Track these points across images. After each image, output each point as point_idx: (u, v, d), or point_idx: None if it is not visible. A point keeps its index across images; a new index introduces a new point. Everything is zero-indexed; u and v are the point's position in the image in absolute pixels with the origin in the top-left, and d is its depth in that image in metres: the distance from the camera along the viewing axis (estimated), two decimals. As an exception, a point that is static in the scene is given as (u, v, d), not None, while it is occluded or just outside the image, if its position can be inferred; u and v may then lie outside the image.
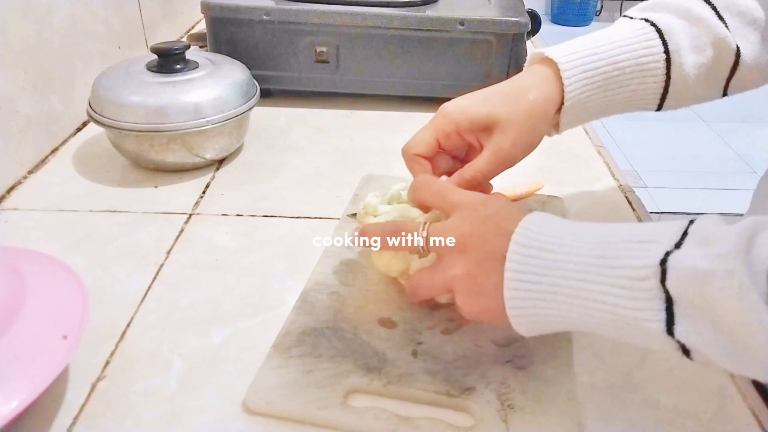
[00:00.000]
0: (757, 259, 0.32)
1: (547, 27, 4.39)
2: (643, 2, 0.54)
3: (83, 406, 0.44)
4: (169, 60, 0.73)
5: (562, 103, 0.51)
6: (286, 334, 0.49)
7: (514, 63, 0.89)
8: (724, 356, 0.34)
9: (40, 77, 0.75)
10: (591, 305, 0.37)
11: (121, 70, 0.73)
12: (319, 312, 0.51)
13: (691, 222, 0.36)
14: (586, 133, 0.87)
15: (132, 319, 0.52)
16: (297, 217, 0.66)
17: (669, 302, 0.34)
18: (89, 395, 0.45)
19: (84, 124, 0.85)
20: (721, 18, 0.51)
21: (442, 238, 0.43)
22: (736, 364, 0.34)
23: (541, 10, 4.61)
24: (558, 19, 4.63)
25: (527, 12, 0.90)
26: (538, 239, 0.39)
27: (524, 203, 0.65)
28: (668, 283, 0.33)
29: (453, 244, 0.43)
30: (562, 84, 0.50)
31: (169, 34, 1.14)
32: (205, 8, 0.87)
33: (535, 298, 0.39)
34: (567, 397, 0.44)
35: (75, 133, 0.83)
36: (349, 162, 0.78)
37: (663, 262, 0.34)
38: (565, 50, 0.51)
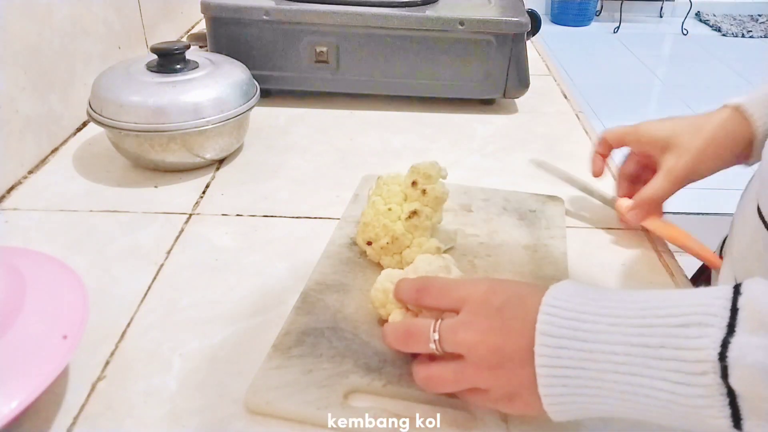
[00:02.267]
0: None
1: (547, 27, 4.39)
2: None
3: (83, 406, 0.44)
4: (169, 60, 0.73)
5: (751, 138, 0.53)
6: (286, 334, 0.49)
7: (514, 63, 0.89)
8: None
9: (40, 77, 0.75)
10: (642, 400, 0.33)
11: (121, 70, 0.73)
12: (319, 312, 0.51)
13: (738, 292, 0.32)
14: (587, 133, 0.87)
15: (132, 319, 0.52)
16: (297, 217, 0.66)
17: (732, 396, 0.30)
18: (89, 395, 0.45)
19: (84, 124, 0.85)
20: None
21: (457, 342, 0.39)
22: None
23: (541, 10, 4.61)
24: (558, 19, 4.63)
25: (527, 12, 0.90)
26: (567, 326, 0.35)
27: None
28: (731, 381, 0.30)
29: (467, 337, 0.38)
30: (747, 120, 0.53)
31: (169, 34, 1.14)
32: (205, 8, 0.87)
33: (575, 393, 0.35)
34: None
35: (75, 133, 0.83)
36: (349, 162, 0.78)
37: (722, 357, 0.30)
38: (750, 96, 0.54)
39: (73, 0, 0.81)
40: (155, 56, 0.73)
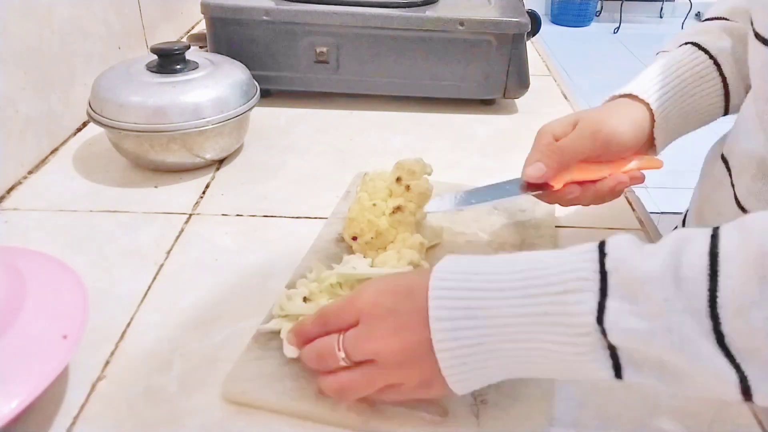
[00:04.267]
0: (692, 297, 0.32)
1: (547, 27, 4.39)
2: (669, 41, 0.62)
3: (83, 406, 0.44)
4: (169, 60, 0.73)
5: (652, 125, 0.56)
6: (265, 325, 0.49)
7: (514, 63, 0.89)
8: (671, 387, 0.35)
9: (40, 77, 0.75)
10: (536, 360, 0.37)
11: (121, 70, 0.73)
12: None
13: (603, 252, 0.35)
14: (586, 133, 0.87)
15: (132, 319, 0.52)
16: (297, 217, 0.66)
17: (613, 349, 0.34)
18: (89, 395, 0.45)
19: (84, 124, 0.85)
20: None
21: (363, 353, 0.40)
22: (681, 390, 0.35)
23: (541, 10, 4.61)
24: (558, 19, 4.63)
25: (527, 12, 0.90)
26: (458, 306, 0.37)
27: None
28: (610, 339, 0.34)
29: (371, 345, 0.40)
30: (648, 107, 0.56)
31: (169, 34, 1.14)
32: (205, 8, 0.87)
33: (475, 368, 0.38)
34: (541, 395, 0.44)
35: (75, 133, 0.83)
36: (349, 162, 0.78)
37: (599, 320, 0.33)
38: (639, 83, 0.57)
39: (73, 0, 0.81)
40: (155, 56, 0.73)
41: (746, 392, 0.32)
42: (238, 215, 0.67)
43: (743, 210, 0.54)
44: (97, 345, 0.49)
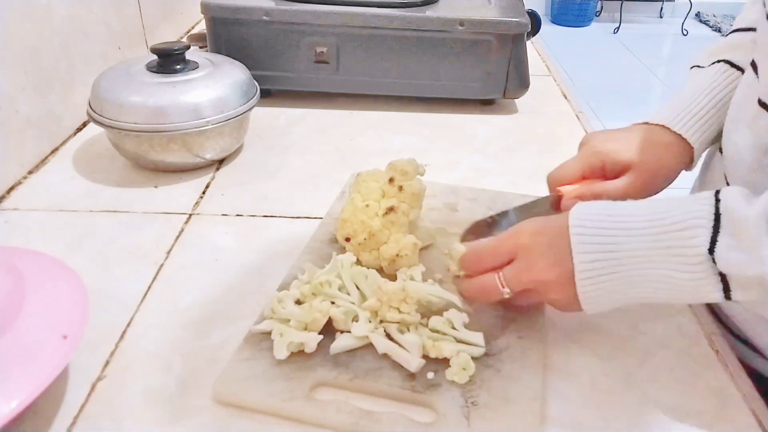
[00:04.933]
0: None
1: (547, 27, 4.39)
2: (705, 50, 0.64)
3: (83, 406, 0.44)
4: (169, 60, 0.73)
5: (691, 153, 0.59)
6: (257, 326, 0.49)
7: (514, 63, 0.89)
8: None
9: (40, 77, 0.75)
10: (658, 286, 0.43)
11: (121, 70, 0.73)
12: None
13: (717, 199, 0.42)
14: (587, 133, 0.87)
15: (132, 319, 0.52)
16: (297, 217, 0.66)
17: (723, 276, 0.41)
18: (89, 395, 0.45)
19: (84, 124, 0.85)
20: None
21: (523, 284, 0.47)
22: None
23: (541, 10, 4.61)
24: (558, 19, 4.63)
25: (527, 12, 0.90)
26: (596, 241, 0.44)
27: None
28: (719, 266, 0.40)
29: (533, 278, 0.47)
30: (688, 143, 0.58)
31: (169, 34, 1.14)
32: (205, 8, 0.87)
33: (604, 281, 0.44)
34: (532, 396, 0.44)
35: (75, 133, 0.83)
36: (349, 162, 0.78)
37: (711, 251, 0.40)
38: (674, 114, 0.59)
39: (73, 0, 0.81)
40: (155, 56, 0.73)
41: None
42: (238, 215, 0.67)
43: None
44: (97, 345, 0.49)
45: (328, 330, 0.48)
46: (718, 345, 0.51)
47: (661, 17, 4.84)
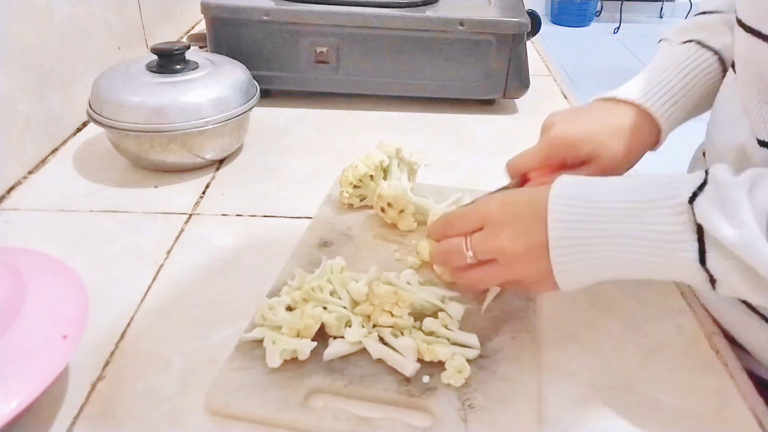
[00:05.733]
0: (759, 205, 0.38)
1: (547, 27, 4.39)
2: (674, 27, 0.63)
3: (83, 406, 0.44)
4: (169, 60, 0.73)
5: (658, 134, 0.58)
6: (248, 334, 0.48)
7: (514, 63, 0.89)
8: (746, 289, 0.39)
9: (40, 77, 0.75)
10: (635, 242, 0.41)
11: (121, 70, 0.73)
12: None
13: (707, 172, 0.41)
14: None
15: (132, 319, 0.52)
16: (297, 217, 0.66)
17: (700, 233, 0.39)
18: (89, 395, 0.45)
19: (84, 124, 0.85)
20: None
21: (488, 250, 0.47)
22: (759, 297, 0.39)
23: (541, 10, 4.61)
24: (558, 19, 4.63)
25: (527, 12, 0.90)
26: (576, 189, 0.44)
27: None
28: (697, 217, 0.39)
29: (497, 245, 0.46)
30: (656, 123, 0.57)
31: (169, 34, 1.14)
32: (205, 8, 0.87)
33: (581, 244, 0.43)
34: (528, 397, 0.44)
35: (75, 133, 0.83)
36: (349, 162, 0.78)
37: (691, 201, 0.40)
38: (645, 91, 0.58)
39: (73, 0, 0.81)
40: (155, 57, 0.73)
41: None
42: (238, 215, 0.67)
43: None
44: (97, 345, 0.49)
45: (321, 336, 0.48)
46: (718, 345, 0.51)
47: (661, 17, 4.85)
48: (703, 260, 0.39)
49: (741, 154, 0.52)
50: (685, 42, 0.60)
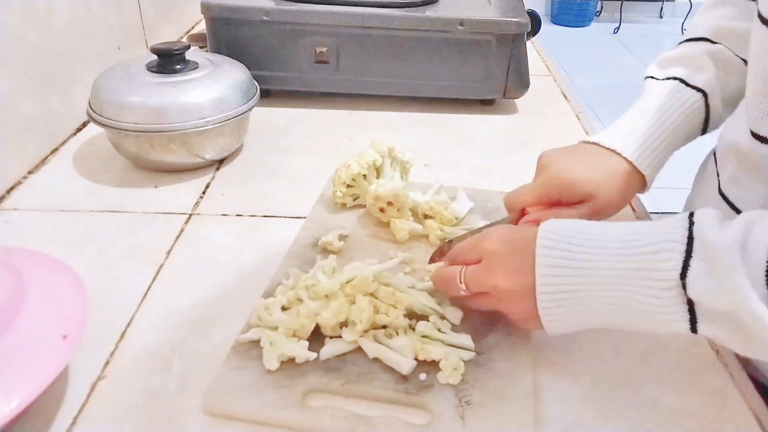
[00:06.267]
0: (752, 266, 0.37)
1: (547, 27, 4.39)
2: (658, 59, 0.65)
3: (83, 406, 0.44)
4: (169, 60, 0.73)
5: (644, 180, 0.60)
6: (244, 335, 0.48)
7: (514, 63, 0.89)
8: (740, 347, 0.40)
9: (40, 77, 0.75)
10: (623, 310, 0.42)
11: (121, 70, 0.73)
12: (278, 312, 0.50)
13: (692, 222, 0.40)
14: (587, 133, 0.87)
15: (132, 319, 0.52)
16: (297, 217, 0.66)
17: (691, 304, 0.39)
18: (89, 395, 0.45)
19: (84, 124, 0.85)
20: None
21: (480, 286, 0.47)
22: (752, 352, 0.40)
23: (541, 10, 4.61)
24: (558, 19, 4.63)
25: (527, 12, 0.90)
26: (561, 255, 0.43)
27: None
28: (689, 293, 0.39)
29: (490, 282, 0.46)
30: (642, 175, 0.59)
31: (169, 34, 1.14)
32: (205, 8, 0.87)
33: (567, 299, 0.43)
34: (524, 393, 0.44)
35: (75, 133, 0.83)
36: (349, 162, 0.78)
37: (683, 276, 0.39)
38: (630, 143, 0.58)
39: (74, 1, 0.81)
40: (155, 57, 0.73)
41: None
42: (238, 215, 0.67)
43: (724, 198, 0.56)
44: (97, 345, 0.49)
45: (317, 335, 0.48)
46: (718, 345, 0.51)
47: (661, 17, 4.84)
48: (694, 329, 0.40)
49: (738, 152, 0.52)
50: (668, 79, 0.62)
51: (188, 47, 0.74)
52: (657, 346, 0.50)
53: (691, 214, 0.41)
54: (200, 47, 1.06)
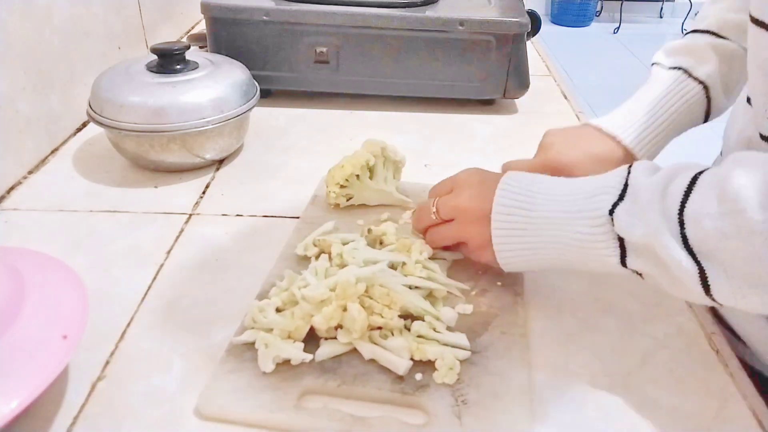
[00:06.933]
0: (668, 206, 0.41)
1: (547, 27, 4.39)
2: (665, 47, 0.67)
3: (83, 406, 0.44)
4: (169, 60, 0.73)
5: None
6: (239, 337, 0.48)
7: (514, 63, 0.89)
8: (665, 283, 0.43)
9: (40, 77, 0.75)
10: (565, 247, 0.47)
11: (120, 70, 0.73)
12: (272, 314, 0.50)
13: (629, 171, 0.45)
14: (586, 133, 0.87)
15: (132, 319, 0.52)
16: (297, 217, 0.66)
17: (622, 240, 0.44)
18: (89, 395, 0.45)
19: (84, 124, 0.85)
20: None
21: (449, 207, 0.53)
22: (675, 290, 0.43)
23: (541, 10, 4.61)
24: (558, 19, 4.63)
25: (527, 12, 0.90)
26: (516, 198, 0.49)
27: None
28: (616, 228, 0.43)
29: (456, 203, 0.53)
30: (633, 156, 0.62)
31: (169, 34, 1.14)
32: (205, 8, 0.87)
33: (518, 236, 0.49)
34: (520, 391, 0.44)
35: (75, 133, 0.83)
36: (349, 162, 0.78)
37: (611, 213, 0.44)
38: (631, 130, 0.62)
39: (73, 0, 0.81)
40: (155, 56, 0.73)
41: (705, 285, 0.40)
42: (238, 215, 0.67)
43: None
44: (97, 345, 0.49)
45: (312, 336, 0.48)
46: (718, 345, 0.51)
47: (661, 17, 4.85)
48: (624, 263, 0.44)
49: (747, 148, 0.53)
50: (673, 68, 0.64)
51: (188, 47, 0.74)
52: (657, 346, 0.50)
53: (631, 165, 0.46)
54: (200, 47, 1.06)
